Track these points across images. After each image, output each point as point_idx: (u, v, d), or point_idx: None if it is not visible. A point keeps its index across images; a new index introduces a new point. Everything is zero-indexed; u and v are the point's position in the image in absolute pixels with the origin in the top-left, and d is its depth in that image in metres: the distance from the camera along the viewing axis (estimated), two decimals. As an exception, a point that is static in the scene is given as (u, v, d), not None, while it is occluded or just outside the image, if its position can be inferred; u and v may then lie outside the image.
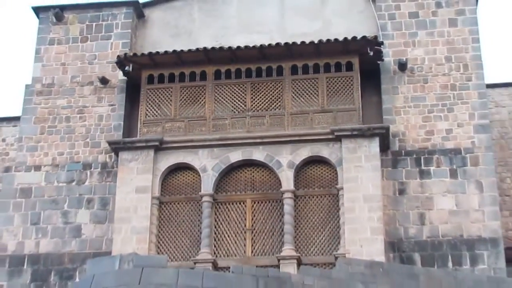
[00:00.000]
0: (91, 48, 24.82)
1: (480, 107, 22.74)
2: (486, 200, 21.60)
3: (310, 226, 21.47)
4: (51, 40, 25.14)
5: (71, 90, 24.36)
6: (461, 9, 23.88)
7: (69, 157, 23.52)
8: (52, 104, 24.26)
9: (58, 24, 25.28)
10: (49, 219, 22.77)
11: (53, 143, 23.76)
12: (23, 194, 23.15)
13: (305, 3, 25.19)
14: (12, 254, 22.42)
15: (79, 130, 23.81)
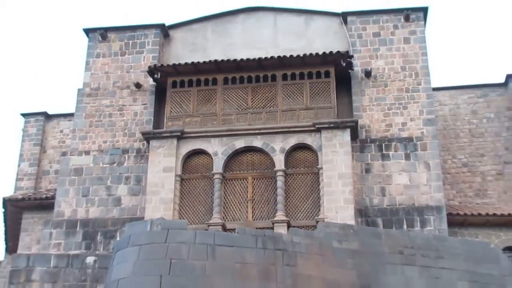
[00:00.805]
0: (128, 60, 24.91)
1: (427, 105, 22.89)
2: (432, 177, 21.77)
3: (297, 197, 21.59)
4: (97, 54, 25.25)
5: (113, 92, 24.46)
6: (413, 30, 24.04)
7: (111, 144, 23.64)
8: (98, 103, 24.37)
9: (103, 42, 25.37)
10: (96, 192, 22.91)
11: (99, 133, 23.88)
12: (76, 173, 23.28)
13: (292, 25, 25.26)
14: (67, 219, 22.55)
15: (119, 124, 23.92)
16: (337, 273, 15.18)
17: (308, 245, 15.34)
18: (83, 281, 17.40)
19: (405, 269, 15.92)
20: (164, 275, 13.91)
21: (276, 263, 14.67)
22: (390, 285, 15.54)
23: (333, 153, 21.46)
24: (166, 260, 14.11)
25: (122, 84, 24.56)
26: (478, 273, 16.59)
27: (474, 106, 30.02)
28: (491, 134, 29.35)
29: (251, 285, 14.27)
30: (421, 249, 16.58)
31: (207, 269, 14.14)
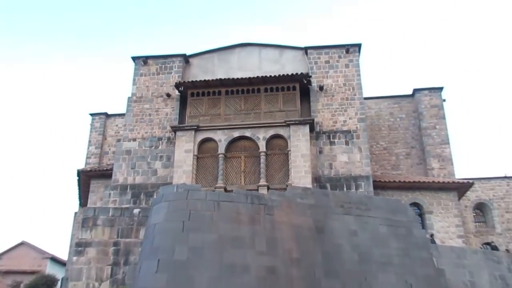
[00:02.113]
0: (162, 78, 24.84)
1: (360, 109, 23.02)
2: (363, 156, 21.97)
3: (273, 169, 21.69)
4: (141, 73, 25.14)
5: (151, 99, 24.41)
6: (351, 59, 24.14)
7: (150, 134, 23.62)
8: (141, 107, 24.30)
9: (144, 66, 25.26)
10: (140, 166, 22.93)
11: (142, 127, 23.85)
12: (127, 153, 23.28)
13: (271, 55, 25.28)
14: (121, 184, 22.59)
15: (155, 120, 23.89)
16: (300, 219, 15.28)
17: (281, 201, 15.42)
18: (131, 225, 17.44)
19: (345, 217, 16.05)
20: (185, 221, 13.98)
21: (260, 213, 14.75)
22: (335, 227, 15.67)
23: (298, 140, 21.60)
24: (186, 211, 14.17)
25: (158, 94, 24.50)
26: (393, 220, 16.77)
27: (391, 109, 30.25)
28: (402, 128, 29.64)
29: (243, 227, 14.36)
30: (355, 204, 16.70)
31: (214, 217, 14.22)
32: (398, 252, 15.90)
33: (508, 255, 19.82)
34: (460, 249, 18.33)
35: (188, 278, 13.00)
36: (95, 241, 17.01)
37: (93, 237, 17.07)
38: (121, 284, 16.02)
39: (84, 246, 16.96)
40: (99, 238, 17.05)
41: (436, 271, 16.04)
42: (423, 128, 28.90)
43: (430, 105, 29.48)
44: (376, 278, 14.98)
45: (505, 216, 28.93)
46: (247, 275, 13.49)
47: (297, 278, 14.11)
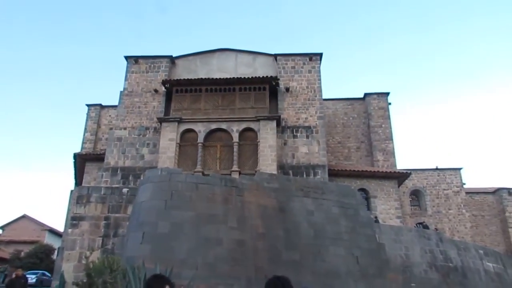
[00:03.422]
0: (151, 76, 24.42)
1: (319, 108, 23.19)
2: (321, 148, 22.15)
3: (245, 157, 21.69)
4: (132, 71, 24.65)
5: (141, 94, 23.99)
6: (313, 65, 24.23)
7: (139, 124, 23.25)
8: (132, 100, 23.87)
9: (135, 64, 24.78)
10: (129, 151, 22.58)
11: (132, 118, 23.43)
12: (118, 140, 22.86)
13: (246, 60, 25.12)
14: (112, 167, 22.20)
15: (144, 112, 23.51)
16: (266, 200, 15.36)
17: (250, 184, 15.46)
18: (120, 203, 17.17)
19: (303, 199, 16.19)
20: (167, 200, 13.89)
21: (232, 194, 14.76)
22: (295, 208, 15.80)
23: (266, 133, 21.62)
24: (169, 191, 14.08)
25: (146, 90, 24.09)
26: (344, 202, 17.00)
27: (345, 110, 30.59)
28: (354, 126, 30.02)
29: (217, 206, 14.36)
30: (313, 188, 16.85)
31: (193, 196, 14.16)
32: (347, 229, 16.18)
33: (436, 233, 20.40)
34: (398, 228, 18.77)
35: (169, 248, 12.96)
36: (88, 215, 16.70)
37: (86, 212, 16.75)
38: (111, 253, 15.82)
39: (79, 220, 16.64)
40: (92, 213, 16.75)
41: (378, 245, 16.40)
42: (371, 126, 29.37)
43: (378, 107, 29.96)
44: (328, 250, 15.22)
45: (435, 201, 29.79)
46: (220, 247, 13.52)
47: (262, 250, 14.22)
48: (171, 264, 10.36)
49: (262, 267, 13.20)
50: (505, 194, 31.69)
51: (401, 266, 16.31)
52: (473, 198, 31.98)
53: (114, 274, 6.04)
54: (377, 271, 15.61)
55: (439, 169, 30.94)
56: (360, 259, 15.54)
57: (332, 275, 14.58)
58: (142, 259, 10.90)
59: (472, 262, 18.95)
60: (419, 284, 16.07)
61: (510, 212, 30.96)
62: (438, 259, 17.57)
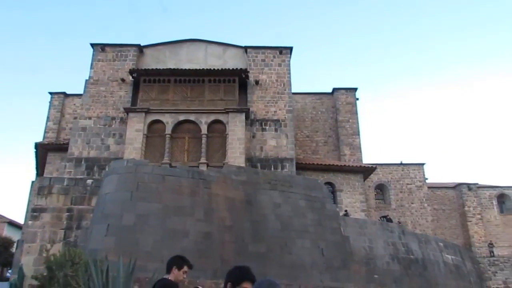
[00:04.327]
0: (117, 65, 23.73)
1: (288, 102, 23.26)
2: (289, 142, 22.27)
3: (213, 150, 21.52)
4: (98, 59, 23.89)
5: (107, 83, 23.34)
6: (283, 59, 24.18)
7: (105, 114, 22.61)
8: (98, 89, 23.18)
9: (102, 52, 24.03)
10: (94, 142, 21.97)
11: (97, 107, 22.75)
12: (82, 129, 22.18)
13: (216, 51, 24.84)
14: (76, 157, 21.56)
15: (110, 102, 22.88)
16: (233, 193, 15.40)
17: (218, 176, 15.45)
18: (84, 194, 16.82)
19: (271, 192, 16.34)
20: (133, 191, 13.71)
21: (199, 186, 14.73)
22: (262, 200, 15.92)
23: (235, 126, 21.53)
24: (135, 182, 13.88)
25: (113, 78, 23.44)
26: (310, 195, 17.26)
27: (314, 104, 30.87)
28: (322, 120, 30.37)
29: (184, 198, 14.28)
30: (280, 181, 17.03)
31: (159, 188, 14.03)
32: (313, 222, 16.44)
33: (399, 226, 21.03)
34: (362, 221, 19.22)
35: (134, 241, 12.81)
36: (50, 207, 16.26)
37: (48, 203, 16.31)
38: (73, 246, 15.47)
39: (40, 211, 16.18)
40: (54, 204, 16.31)
41: (343, 238, 16.75)
42: (339, 121, 29.78)
43: (346, 102, 30.39)
44: (294, 243, 15.43)
45: (399, 195, 30.63)
46: (187, 239, 13.48)
47: (229, 242, 14.26)
48: (136, 256, 10.22)
49: (229, 259, 13.24)
50: (465, 189, 32.91)
51: (365, 258, 16.74)
52: (435, 193, 33.08)
53: (75, 267, 5.89)
54: (342, 263, 15.95)
55: (403, 164, 31.77)
56: (325, 251, 15.83)
57: (297, 267, 14.80)
58: (106, 251, 10.71)
59: (432, 254, 19.66)
60: (382, 275, 16.54)
61: (469, 206, 32.22)
62: (400, 251, 18.11)
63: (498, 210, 33.14)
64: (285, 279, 13.78)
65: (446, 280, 19.25)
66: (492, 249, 29.13)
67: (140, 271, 10.38)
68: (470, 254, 26.48)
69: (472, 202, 32.48)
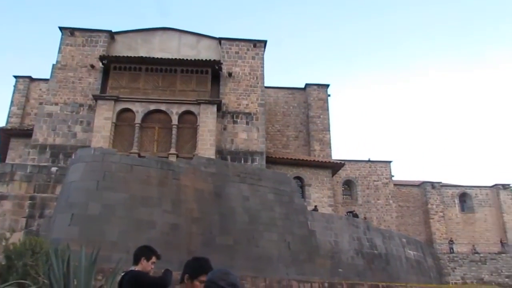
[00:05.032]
0: (87, 50, 23.14)
1: (261, 95, 23.30)
2: (260, 135, 22.39)
3: (183, 141, 21.40)
4: (67, 43, 23.22)
5: (75, 68, 22.73)
6: (257, 52, 24.19)
7: (73, 100, 22.06)
8: (65, 74, 22.56)
9: (71, 36, 23.38)
10: (60, 128, 21.43)
11: (65, 93, 22.16)
12: (48, 115, 21.58)
13: (189, 41, 24.58)
14: (40, 144, 20.97)
15: (78, 88, 22.31)
16: (202, 184, 15.35)
17: (187, 168, 15.36)
18: (48, 182, 16.37)
19: (240, 185, 16.37)
20: (100, 181, 13.47)
21: (168, 177, 14.60)
22: (231, 193, 15.94)
23: (206, 117, 21.46)
24: (101, 171, 13.64)
25: (82, 64, 22.85)
26: (279, 189, 17.40)
27: (286, 98, 31.04)
28: (294, 115, 30.59)
29: (152, 189, 14.14)
30: (250, 174, 17.08)
31: (127, 178, 13.84)
32: (281, 216, 16.59)
33: (364, 221, 21.50)
34: (329, 215, 19.54)
35: (100, 231, 12.61)
36: (12, 194, 15.75)
37: (9, 190, 15.78)
38: (35, 235, 15.06)
39: (0, 199, 15.66)
40: (16, 192, 15.81)
41: (310, 232, 16.99)
42: (310, 116, 30.06)
43: (318, 98, 30.70)
44: (262, 236, 15.55)
45: (365, 191, 31.29)
46: (153, 230, 13.37)
47: (196, 234, 14.24)
48: (101, 246, 10.06)
49: (196, 251, 13.21)
50: (428, 187, 33.94)
51: (330, 252, 17.05)
52: (400, 190, 33.97)
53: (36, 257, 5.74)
54: (307, 256, 16.20)
55: (371, 161, 32.45)
56: (292, 244, 16.03)
57: (264, 260, 14.93)
58: (69, 241, 10.49)
59: (395, 250, 20.22)
60: (346, 269, 16.90)
61: (432, 204, 33.26)
62: (365, 246, 18.54)
63: (459, 209, 34.36)
64: (251, 272, 13.88)
65: (408, 275, 19.85)
66: (452, 246, 30.23)
67: (105, 261, 10.24)
68: (431, 250, 27.40)
69: (435, 200, 33.53)
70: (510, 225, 33.58)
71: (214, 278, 2.31)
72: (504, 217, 33.70)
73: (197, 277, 2.68)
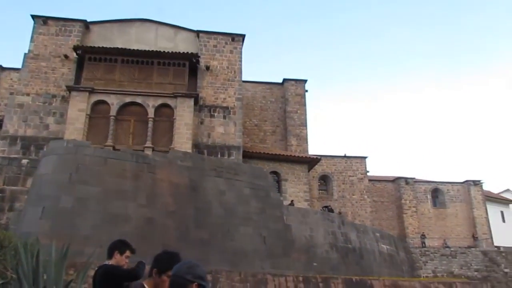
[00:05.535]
0: (61, 40, 22.52)
1: (238, 90, 23.23)
2: (237, 130, 22.35)
3: (159, 134, 21.13)
4: (39, 32, 22.55)
5: (48, 58, 22.13)
6: (235, 46, 24.04)
7: (45, 91, 21.48)
8: (38, 64, 21.94)
9: (44, 25, 22.73)
10: (32, 120, 20.86)
11: (37, 83, 21.55)
12: (19, 106, 20.96)
13: (167, 34, 24.23)
14: (11, 135, 20.37)
15: (51, 79, 21.73)
16: (178, 178, 15.26)
17: (163, 161, 15.24)
18: (19, 174, 16.06)
19: (216, 179, 16.35)
20: (73, 173, 13.22)
21: (143, 170, 14.45)
22: (207, 187, 15.90)
23: (183, 111, 21.26)
24: (74, 164, 13.39)
25: (55, 54, 22.26)
26: (255, 184, 17.45)
27: (264, 93, 31.07)
28: (271, 110, 30.67)
29: (127, 182, 13.97)
30: (226, 168, 17.07)
31: (101, 171, 13.62)
32: (257, 210, 16.65)
33: (339, 216, 21.78)
34: (305, 210, 19.73)
35: (72, 224, 12.39)
36: (-20, 187, 15.32)
37: (-22, 183, 15.35)
38: (4, 229, 14.69)
39: (-32, 191, 15.20)
40: (-16, 184, 15.38)
41: (285, 226, 17.12)
42: (287, 111, 30.19)
43: (295, 93, 30.84)
44: (237, 230, 15.58)
45: (341, 187, 31.67)
46: (128, 224, 13.22)
47: (171, 228, 14.16)
48: (73, 241, 9.88)
49: (170, 245, 13.13)
50: (402, 183, 34.64)
51: (305, 246, 17.23)
52: (375, 185, 34.54)
53: (4, 251, 5.60)
54: (283, 250, 16.32)
55: (346, 157, 32.84)
56: (267, 239, 16.12)
57: (239, 254, 14.97)
58: (40, 235, 10.27)
59: (369, 244, 20.58)
60: (320, 263, 17.11)
61: (405, 199, 33.97)
62: (339, 240, 18.80)
63: (432, 204, 35.21)
64: (227, 266, 13.91)
65: (381, 269, 20.25)
66: (424, 240, 30.98)
67: (77, 255, 10.08)
68: (404, 244, 28.00)
69: (408, 195, 34.25)
70: (480, 220, 34.63)
71: (180, 272, 2.23)
72: (474, 212, 34.72)
73: (165, 272, 2.64)
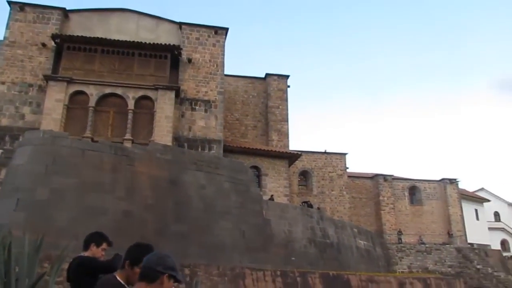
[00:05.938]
0: (38, 27, 21.99)
1: (220, 83, 23.15)
2: (218, 123, 22.32)
3: (139, 126, 20.94)
4: (16, 19, 21.97)
5: (25, 46, 21.59)
6: (218, 40, 23.94)
7: (21, 80, 20.98)
8: (14, 52, 21.39)
9: (21, 12, 22.14)
10: (7, 109, 20.37)
11: (13, 71, 21.00)
12: (-6, 95, 20.53)
13: (149, 24, 23.90)
14: (-14, 124, 19.93)
15: (28, 67, 21.22)
16: (157, 171, 15.11)
17: (142, 154, 15.06)
18: (-7, 164, 15.67)
19: (196, 173, 16.23)
20: (49, 165, 12.97)
21: (122, 163, 14.26)
22: (187, 181, 15.79)
23: (164, 103, 21.10)
24: (51, 155, 13.14)
25: (32, 42, 21.73)
26: (236, 178, 17.40)
27: (246, 87, 31.03)
28: (253, 104, 30.67)
29: (105, 174, 13.77)
30: (206, 162, 16.96)
31: (78, 163, 13.40)
32: (236, 204, 16.63)
33: (318, 211, 21.97)
34: (284, 205, 19.82)
35: (48, 217, 12.16)
36: (-48, 176, 14.89)
37: (-51, 172, 14.91)
38: (-23, 219, 14.34)
39: None
40: (-44, 174, 14.96)
41: (264, 221, 17.17)
42: (269, 106, 30.22)
43: (277, 89, 30.88)
44: (217, 224, 15.54)
45: (321, 182, 31.96)
46: (105, 217, 13.04)
47: (150, 221, 14.03)
48: (49, 233, 9.71)
49: (148, 238, 13.00)
50: (381, 180, 35.16)
51: (284, 241, 17.32)
52: (354, 182, 34.95)
53: (-25, 243, 5.45)
54: (262, 245, 16.38)
55: (327, 153, 33.12)
56: (247, 233, 16.14)
57: (218, 248, 14.95)
58: (14, 227, 10.05)
59: (347, 239, 20.84)
60: (299, 258, 17.24)
61: (383, 196, 34.50)
62: (318, 235, 18.97)
63: (409, 201, 35.87)
64: (205, 260, 13.88)
65: (358, 264, 20.53)
66: (401, 236, 31.56)
67: (53, 248, 9.89)
68: (381, 240, 28.46)
69: (386, 192, 34.78)
70: (455, 217, 35.45)
71: (150, 263, 2.18)
72: (450, 210, 35.53)
73: (137, 264, 2.60)
